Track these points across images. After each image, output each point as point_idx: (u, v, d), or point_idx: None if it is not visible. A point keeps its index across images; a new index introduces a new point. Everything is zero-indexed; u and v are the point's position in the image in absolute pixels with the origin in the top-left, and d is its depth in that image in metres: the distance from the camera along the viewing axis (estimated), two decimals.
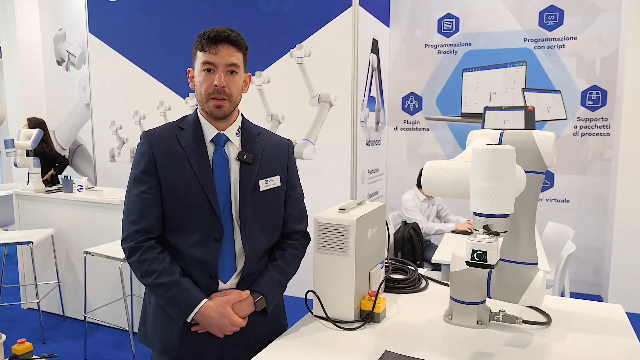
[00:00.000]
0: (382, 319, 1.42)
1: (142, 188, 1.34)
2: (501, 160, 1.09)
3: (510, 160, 1.10)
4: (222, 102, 1.33)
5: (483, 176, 1.10)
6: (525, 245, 1.33)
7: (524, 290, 1.30)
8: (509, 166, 1.10)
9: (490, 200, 1.10)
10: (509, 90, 4.48)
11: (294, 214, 1.50)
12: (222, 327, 1.31)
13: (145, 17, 4.62)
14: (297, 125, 4.11)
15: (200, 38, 1.33)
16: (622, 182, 3.87)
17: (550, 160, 1.31)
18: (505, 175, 1.10)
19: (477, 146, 1.13)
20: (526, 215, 1.33)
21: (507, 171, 1.10)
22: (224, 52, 1.32)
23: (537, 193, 1.34)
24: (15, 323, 3.66)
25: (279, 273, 1.42)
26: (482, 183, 1.10)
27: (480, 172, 1.11)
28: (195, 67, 1.36)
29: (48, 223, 3.66)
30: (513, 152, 1.11)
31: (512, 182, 1.11)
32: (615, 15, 4.11)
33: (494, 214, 1.11)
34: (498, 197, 1.10)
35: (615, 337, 1.31)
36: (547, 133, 1.32)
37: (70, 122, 5.92)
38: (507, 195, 1.11)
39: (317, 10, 3.97)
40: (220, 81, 1.31)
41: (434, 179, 1.27)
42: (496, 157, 1.09)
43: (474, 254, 1.12)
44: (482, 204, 1.11)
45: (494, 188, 1.09)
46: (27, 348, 2.03)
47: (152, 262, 1.31)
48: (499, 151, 1.09)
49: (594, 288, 4.35)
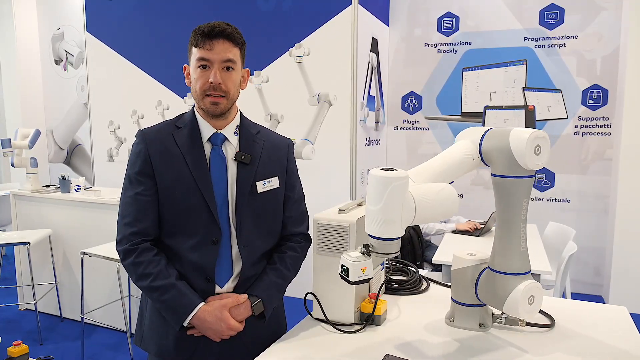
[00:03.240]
0: (382, 322, 1.40)
1: (138, 189, 1.31)
2: (385, 187, 1.08)
3: (395, 187, 1.08)
4: (219, 99, 1.30)
5: (370, 200, 1.11)
6: (513, 256, 1.24)
7: (504, 301, 1.24)
8: (394, 193, 1.08)
9: (375, 223, 1.10)
10: (509, 89, 4.45)
11: (294, 216, 1.46)
12: (219, 331, 1.28)
13: (143, 16, 4.59)
14: (296, 125, 4.09)
15: (194, 33, 1.29)
16: (623, 182, 3.85)
17: (527, 162, 1.18)
18: (390, 202, 1.08)
19: (373, 171, 1.12)
20: (514, 223, 1.24)
21: (391, 198, 1.08)
22: (219, 47, 1.28)
23: (523, 199, 1.23)
24: (13, 324, 3.64)
25: (278, 277, 1.39)
26: (369, 205, 1.11)
27: (370, 194, 1.12)
28: (191, 63, 1.32)
29: (45, 223, 3.63)
30: (400, 179, 1.08)
31: (395, 209, 1.09)
32: (616, 13, 4.09)
33: (378, 236, 1.11)
34: (382, 221, 1.09)
35: (620, 340, 1.28)
36: (523, 133, 1.19)
37: (68, 122, 5.89)
38: (391, 220, 1.09)
39: (316, 8, 3.94)
40: (215, 78, 1.27)
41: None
42: (379, 183, 1.09)
43: (341, 268, 1.15)
44: (368, 225, 1.12)
45: (377, 212, 1.09)
46: (23, 350, 2.01)
47: (148, 264, 1.28)
48: (381, 178, 1.08)
49: (595, 288, 4.33)
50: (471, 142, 1.29)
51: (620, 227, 3.87)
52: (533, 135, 1.18)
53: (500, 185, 1.25)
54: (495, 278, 1.27)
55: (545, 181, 4.43)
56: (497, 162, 1.24)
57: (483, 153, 1.27)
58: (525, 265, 1.26)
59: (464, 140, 1.32)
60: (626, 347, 1.24)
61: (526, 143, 1.17)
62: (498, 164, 1.24)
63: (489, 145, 1.25)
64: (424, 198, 1.15)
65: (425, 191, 1.17)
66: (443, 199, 1.18)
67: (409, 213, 1.12)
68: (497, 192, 1.26)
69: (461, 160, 1.28)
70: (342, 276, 1.15)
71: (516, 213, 1.24)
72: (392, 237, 1.11)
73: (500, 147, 1.22)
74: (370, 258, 1.13)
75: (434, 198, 1.17)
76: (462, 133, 1.36)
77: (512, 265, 1.25)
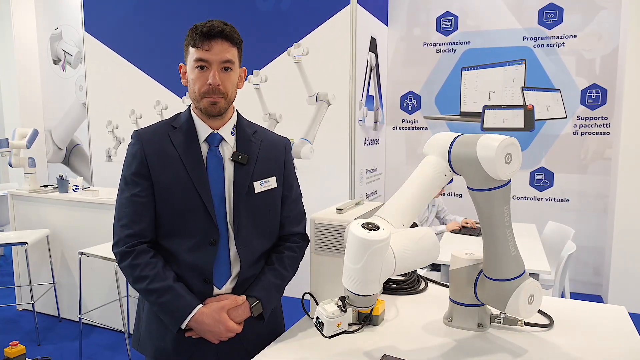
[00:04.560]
0: (380, 322, 1.39)
1: (134, 191, 1.30)
2: (365, 250, 1.03)
3: (376, 249, 1.03)
4: (218, 99, 1.28)
5: (349, 257, 1.07)
6: (504, 263, 1.22)
7: (506, 304, 1.23)
8: (375, 255, 1.04)
9: (353, 281, 1.07)
10: (508, 89, 4.45)
11: (292, 215, 1.45)
12: (217, 333, 1.27)
13: (141, 16, 4.58)
14: (294, 125, 4.08)
15: (192, 33, 1.27)
16: (622, 181, 3.84)
17: (498, 172, 1.10)
18: (369, 264, 1.05)
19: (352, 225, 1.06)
20: (499, 231, 1.20)
21: (371, 260, 1.04)
22: (217, 48, 1.25)
23: (503, 207, 1.18)
24: (10, 324, 3.62)
25: (276, 277, 1.38)
26: (347, 261, 1.08)
27: (348, 251, 1.08)
28: (188, 63, 1.30)
29: (43, 223, 3.62)
30: (382, 241, 1.03)
31: (375, 270, 1.06)
32: (615, 13, 4.09)
33: (356, 293, 1.09)
34: (360, 280, 1.06)
35: (619, 340, 1.28)
36: (492, 141, 1.10)
37: (66, 122, 5.88)
38: (369, 280, 1.07)
39: (314, 8, 3.94)
40: (215, 79, 1.26)
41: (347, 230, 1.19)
42: (360, 245, 1.04)
43: (316, 320, 1.15)
44: (346, 280, 1.09)
45: (356, 271, 1.06)
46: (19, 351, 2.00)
47: (145, 267, 1.27)
48: (362, 241, 1.03)
49: (594, 288, 4.32)
50: (440, 157, 1.23)
51: (619, 226, 3.86)
52: (503, 143, 1.10)
53: (477, 198, 1.20)
54: (492, 284, 1.26)
55: (545, 181, 4.42)
56: (468, 174, 1.18)
57: (453, 166, 1.21)
58: (519, 267, 1.23)
59: (432, 155, 1.25)
60: (625, 347, 1.24)
61: (496, 152, 1.09)
62: (470, 176, 1.18)
63: (457, 156, 1.19)
64: (404, 250, 1.12)
65: (404, 242, 1.14)
66: (423, 248, 1.16)
67: (389, 267, 1.10)
68: (476, 204, 1.22)
69: (433, 181, 1.23)
70: (317, 328, 1.14)
71: (499, 222, 1.19)
72: (371, 294, 1.09)
73: (469, 158, 1.15)
74: (346, 313, 1.13)
75: (414, 248, 1.14)
76: (429, 143, 1.28)
77: (506, 271, 1.23)
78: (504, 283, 1.23)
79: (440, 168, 1.22)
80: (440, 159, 1.23)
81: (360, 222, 1.07)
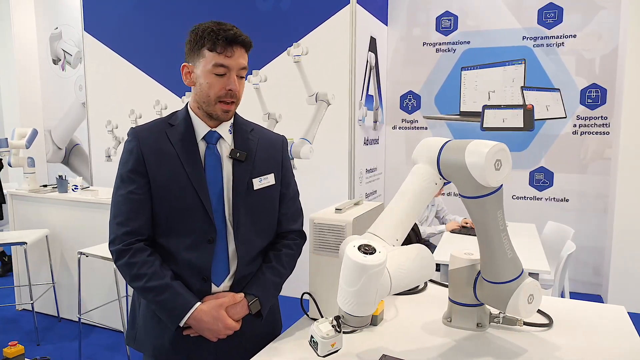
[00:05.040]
0: (379, 322, 1.39)
1: (130, 188, 1.29)
2: (361, 274, 1.02)
3: (372, 273, 1.02)
4: (231, 107, 1.30)
5: (344, 279, 1.05)
6: (502, 266, 1.22)
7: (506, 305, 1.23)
8: (371, 279, 1.03)
9: (348, 302, 1.06)
10: (507, 88, 4.45)
11: (289, 212, 1.45)
12: (216, 331, 1.27)
13: (141, 16, 4.58)
14: (294, 124, 4.08)
15: (211, 37, 1.24)
16: (622, 181, 3.84)
17: (487, 179, 1.08)
18: (365, 287, 1.03)
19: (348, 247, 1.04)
20: (495, 236, 1.20)
21: (367, 283, 1.03)
22: (237, 54, 1.26)
23: (496, 212, 1.17)
24: (10, 324, 3.62)
25: (274, 275, 1.38)
26: (343, 283, 1.06)
27: (343, 273, 1.06)
28: (202, 66, 1.27)
29: (43, 223, 3.62)
30: (378, 266, 1.01)
31: (371, 293, 1.05)
32: (615, 12, 4.08)
33: (351, 314, 1.07)
34: (355, 302, 1.05)
35: (618, 339, 1.28)
36: (481, 147, 1.08)
37: (66, 122, 5.88)
38: (364, 302, 1.05)
39: (314, 8, 3.93)
40: (235, 85, 1.27)
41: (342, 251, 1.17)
42: (355, 269, 1.02)
43: (311, 339, 1.13)
44: (341, 300, 1.07)
45: (352, 294, 1.05)
46: (18, 351, 1.99)
47: (142, 265, 1.26)
48: (358, 265, 1.01)
49: (594, 288, 4.32)
50: (428, 164, 1.21)
51: (619, 226, 3.86)
52: (493, 150, 1.07)
53: (469, 205, 1.19)
54: (491, 286, 1.25)
55: (544, 181, 4.42)
56: (458, 182, 1.16)
57: (443, 173, 1.19)
58: (517, 268, 1.23)
59: (421, 164, 1.23)
60: (624, 347, 1.24)
61: (485, 159, 1.07)
62: (460, 184, 1.16)
63: (446, 164, 1.17)
64: (400, 269, 1.11)
65: (400, 261, 1.12)
66: (419, 266, 1.15)
67: (385, 289, 1.09)
68: (469, 210, 1.21)
69: (423, 192, 1.20)
70: (312, 347, 1.14)
71: (493, 227, 1.18)
72: (366, 315, 1.09)
73: (458, 165, 1.13)
74: (340, 333, 1.12)
75: (409, 266, 1.13)
76: (417, 150, 1.25)
77: (504, 274, 1.22)
78: (503, 285, 1.22)
79: (430, 176, 1.20)
80: (429, 167, 1.20)
81: (356, 244, 1.05)
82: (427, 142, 1.24)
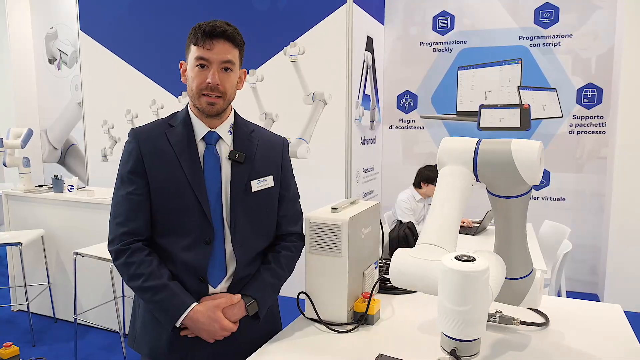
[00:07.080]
0: (376, 321, 1.39)
1: (130, 189, 1.30)
2: (473, 284, 0.94)
3: (483, 282, 0.95)
4: (215, 100, 1.28)
5: (451, 299, 0.96)
6: (518, 263, 1.24)
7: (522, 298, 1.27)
8: (481, 288, 0.95)
9: (459, 325, 0.96)
10: (504, 88, 4.45)
11: (288, 215, 1.45)
12: (212, 332, 1.26)
13: (137, 15, 4.56)
14: (291, 124, 4.07)
15: (194, 31, 1.27)
16: (618, 180, 3.85)
17: (534, 179, 1.09)
18: (477, 299, 0.95)
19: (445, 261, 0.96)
20: (517, 234, 1.22)
21: (478, 294, 0.95)
22: (219, 48, 1.26)
23: (524, 211, 1.20)
24: (5, 325, 3.60)
25: (272, 276, 1.37)
26: (449, 305, 0.96)
27: (448, 293, 0.96)
28: (188, 61, 1.30)
29: (38, 224, 3.60)
30: (486, 271, 0.95)
31: (483, 305, 0.97)
32: (611, 12, 4.09)
33: (464, 339, 0.98)
34: (468, 322, 0.96)
35: (614, 338, 1.28)
36: (530, 146, 1.08)
37: (62, 122, 5.85)
38: (478, 319, 0.97)
39: (311, 7, 3.93)
40: (214, 78, 1.26)
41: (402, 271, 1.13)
42: (466, 281, 0.93)
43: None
44: (449, 328, 0.98)
45: (463, 313, 0.95)
46: (13, 352, 1.99)
47: (140, 265, 1.26)
48: (469, 275, 0.93)
49: (590, 287, 4.33)
50: (463, 165, 1.17)
51: (615, 225, 3.87)
52: (540, 147, 1.09)
53: (501, 205, 1.19)
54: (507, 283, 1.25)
55: (541, 180, 4.42)
56: (497, 181, 1.15)
57: (479, 173, 1.16)
58: (531, 264, 1.28)
59: (453, 166, 1.18)
60: (620, 345, 1.24)
61: (537, 156, 1.07)
62: (499, 183, 1.15)
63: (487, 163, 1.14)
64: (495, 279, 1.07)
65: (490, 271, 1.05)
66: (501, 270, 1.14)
67: (489, 299, 1.01)
68: (497, 210, 1.22)
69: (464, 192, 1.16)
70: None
71: (521, 224, 1.22)
72: (480, 336, 1.00)
73: (503, 164, 1.10)
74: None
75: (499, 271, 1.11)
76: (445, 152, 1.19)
77: (521, 270, 1.26)
78: (519, 281, 1.26)
79: (467, 178, 1.17)
80: (464, 168, 1.16)
81: (451, 256, 0.97)
82: (453, 143, 1.20)
